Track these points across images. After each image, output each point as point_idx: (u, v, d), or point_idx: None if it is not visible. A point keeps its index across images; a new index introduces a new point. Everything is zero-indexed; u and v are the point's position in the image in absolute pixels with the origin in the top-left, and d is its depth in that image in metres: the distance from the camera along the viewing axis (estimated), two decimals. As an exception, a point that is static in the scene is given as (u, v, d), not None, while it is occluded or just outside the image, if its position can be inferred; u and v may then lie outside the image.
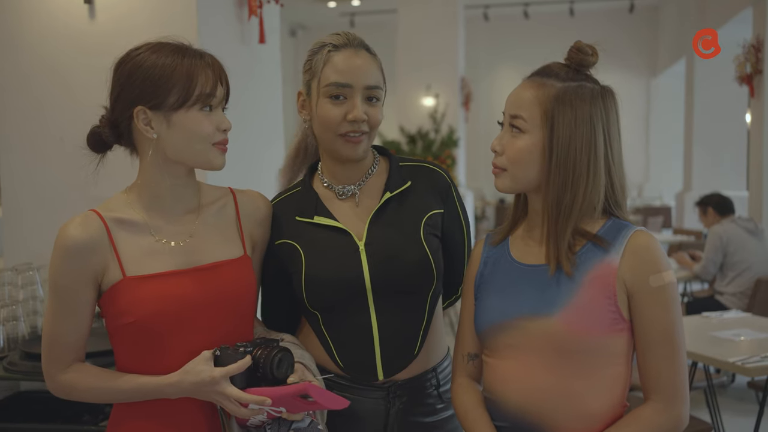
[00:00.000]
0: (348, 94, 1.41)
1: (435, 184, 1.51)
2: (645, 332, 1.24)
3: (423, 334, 1.47)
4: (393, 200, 1.46)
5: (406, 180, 1.49)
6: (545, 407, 1.25)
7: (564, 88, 1.26)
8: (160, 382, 1.25)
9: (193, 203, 1.37)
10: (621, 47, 10.74)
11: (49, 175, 2.55)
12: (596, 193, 1.26)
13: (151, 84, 1.25)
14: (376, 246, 1.42)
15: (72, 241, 1.26)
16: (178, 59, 1.27)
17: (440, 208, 1.50)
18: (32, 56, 2.54)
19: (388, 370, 1.45)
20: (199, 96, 1.26)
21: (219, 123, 1.30)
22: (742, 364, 2.72)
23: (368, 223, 1.44)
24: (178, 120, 1.27)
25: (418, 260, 1.43)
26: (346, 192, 1.48)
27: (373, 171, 1.51)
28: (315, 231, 1.45)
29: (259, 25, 2.75)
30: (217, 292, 1.31)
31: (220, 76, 1.31)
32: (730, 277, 4.63)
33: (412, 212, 1.46)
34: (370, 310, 1.43)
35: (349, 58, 1.42)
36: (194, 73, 1.26)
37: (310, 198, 1.48)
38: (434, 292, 1.48)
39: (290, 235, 1.47)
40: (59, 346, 1.29)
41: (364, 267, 1.41)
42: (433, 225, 1.47)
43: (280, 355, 1.24)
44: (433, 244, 1.46)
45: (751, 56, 5.61)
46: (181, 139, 1.27)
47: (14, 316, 2.18)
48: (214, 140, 1.29)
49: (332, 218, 1.45)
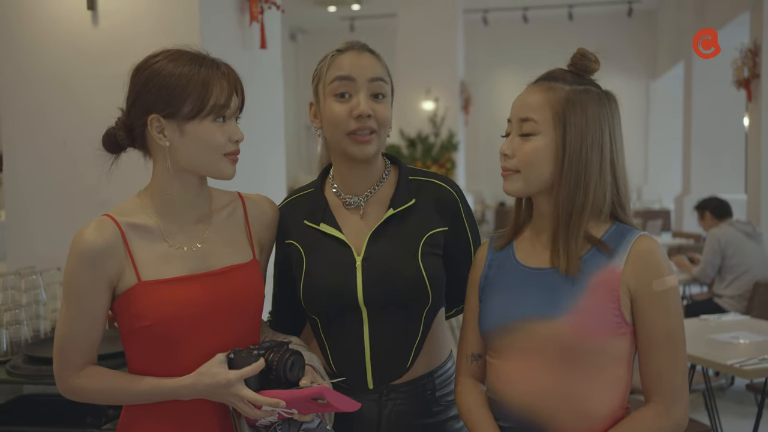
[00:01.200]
0: (353, 90, 1.41)
1: (441, 200, 1.50)
2: (647, 335, 1.26)
3: (417, 349, 1.47)
4: (396, 216, 1.46)
5: (412, 197, 1.48)
6: (548, 408, 1.27)
7: (573, 91, 1.28)
8: (175, 384, 1.27)
9: (205, 209, 1.39)
10: (620, 51, 10.76)
11: (52, 179, 2.56)
12: (603, 194, 1.28)
13: (166, 93, 1.27)
14: (372, 261, 1.43)
15: (88, 245, 1.27)
16: (195, 69, 1.28)
17: (444, 226, 1.48)
18: (35, 62, 2.56)
19: (379, 380, 1.46)
20: (213, 107, 1.27)
21: (231, 134, 1.31)
22: (740, 367, 2.73)
23: (368, 238, 1.45)
24: (191, 130, 1.28)
25: (413, 278, 1.42)
26: (353, 203, 1.49)
27: (383, 181, 1.50)
28: (319, 238, 1.46)
29: (260, 30, 2.77)
30: (229, 297, 1.33)
31: (236, 86, 1.32)
32: (729, 280, 4.65)
33: (413, 230, 1.46)
34: (363, 323, 1.44)
35: (351, 57, 1.44)
36: (209, 84, 1.27)
37: (319, 203, 1.49)
38: (430, 309, 1.48)
39: (297, 238, 1.49)
40: (73, 349, 1.30)
41: (358, 282, 1.42)
42: (434, 244, 1.46)
43: (292, 358, 1.27)
44: (432, 263, 1.45)
45: (749, 60, 5.64)
46: (194, 148, 1.29)
47: (17, 320, 2.19)
48: (225, 151, 1.31)
49: (337, 228, 1.46)
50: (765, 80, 5.57)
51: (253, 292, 1.38)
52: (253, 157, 2.76)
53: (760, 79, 5.60)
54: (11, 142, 2.62)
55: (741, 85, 5.78)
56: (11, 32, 2.58)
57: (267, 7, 2.73)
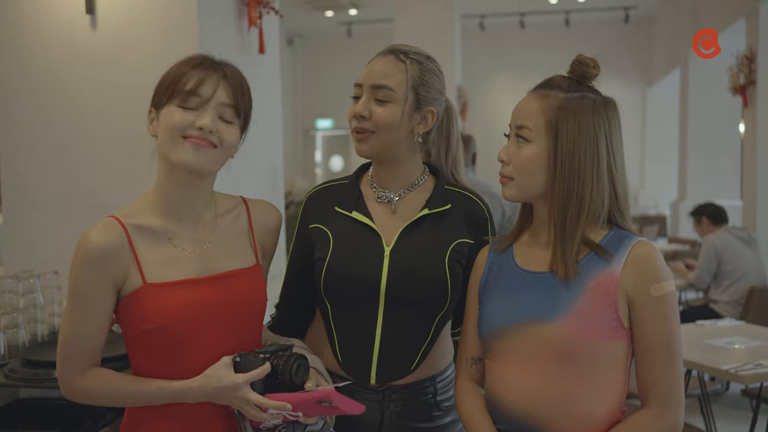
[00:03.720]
0: (360, 93, 1.48)
1: (473, 215, 1.53)
2: (644, 340, 1.27)
3: (423, 353, 1.49)
4: (429, 218, 1.49)
5: (447, 202, 1.51)
6: (546, 411, 1.27)
7: (567, 99, 1.29)
8: (181, 386, 1.28)
9: (209, 212, 1.40)
10: (616, 57, 10.71)
11: (50, 183, 2.56)
12: (600, 200, 1.29)
13: (160, 86, 1.33)
14: (400, 254, 1.45)
15: (94, 247, 1.27)
16: (188, 67, 1.32)
17: (471, 239, 1.51)
18: (34, 66, 2.56)
19: (382, 376, 1.47)
20: (178, 92, 1.29)
21: (196, 119, 1.29)
22: (736, 372, 2.74)
23: (400, 231, 1.48)
24: (161, 115, 1.31)
25: (436, 279, 1.45)
26: (385, 197, 1.52)
27: (418, 185, 1.54)
28: (349, 224, 1.49)
29: (258, 35, 2.78)
30: (232, 300, 1.34)
31: (227, 82, 1.32)
32: (725, 286, 4.67)
33: (443, 234, 1.49)
34: (378, 315, 1.46)
35: (373, 62, 1.49)
36: (186, 74, 1.30)
37: (353, 193, 1.53)
38: (443, 315, 1.50)
39: (325, 221, 1.51)
40: (77, 350, 1.31)
41: (383, 271, 1.44)
42: (460, 252, 1.49)
43: (298, 362, 1.29)
44: (455, 270, 1.48)
45: (745, 67, 5.67)
46: (161, 133, 1.31)
47: (15, 324, 2.19)
48: (183, 134, 1.29)
49: (369, 217, 1.49)
50: (761, 87, 5.60)
51: (255, 296, 1.39)
52: (250, 161, 2.77)
53: (755, 85, 5.63)
54: (9, 146, 2.62)
55: (737, 92, 5.81)
56: (10, 36, 2.58)
57: (266, 12, 2.74)
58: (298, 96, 11.57)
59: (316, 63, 11.36)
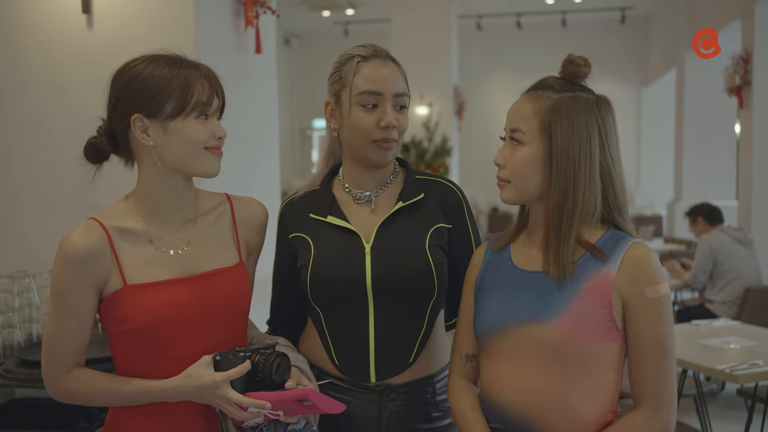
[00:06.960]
0: (379, 101, 1.47)
1: (447, 199, 1.55)
2: (638, 341, 1.27)
3: (420, 344, 1.49)
4: (405, 210, 1.51)
5: (420, 192, 1.53)
6: (539, 411, 1.28)
7: (559, 99, 1.29)
8: (161, 386, 1.28)
9: (191, 212, 1.39)
10: (613, 58, 10.80)
11: (46, 182, 2.56)
12: (593, 200, 1.29)
13: (147, 93, 1.29)
14: (381, 249, 1.47)
15: (75, 249, 1.28)
16: (175, 69, 1.30)
17: (448, 223, 1.53)
18: (30, 65, 2.56)
19: (381, 373, 1.47)
20: (196, 105, 1.30)
21: (215, 131, 1.33)
22: (731, 372, 2.75)
23: (377, 227, 1.49)
24: (175, 128, 1.29)
25: (420, 268, 1.46)
26: (363, 197, 1.53)
27: (392, 180, 1.56)
28: (327, 229, 1.50)
29: (255, 35, 2.78)
30: (215, 300, 1.34)
31: (216, 86, 1.34)
32: (720, 286, 4.68)
33: (420, 223, 1.51)
34: (369, 312, 1.46)
35: (377, 68, 1.48)
36: (191, 83, 1.30)
37: (327, 199, 1.53)
38: (435, 304, 1.51)
39: (303, 229, 1.52)
40: (60, 351, 1.31)
41: (367, 268, 1.45)
42: (440, 237, 1.51)
43: (278, 360, 1.28)
44: (437, 255, 1.49)
45: (740, 68, 5.68)
46: (178, 146, 1.30)
47: (10, 324, 2.19)
48: (207, 145, 1.32)
49: (345, 220, 1.50)
50: (756, 87, 5.61)
51: (238, 295, 1.39)
52: (247, 161, 2.77)
53: (751, 86, 5.64)
54: (5, 145, 2.62)
55: (733, 92, 5.82)
56: (6, 35, 2.58)
57: (262, 11, 2.74)
58: (295, 96, 11.56)
59: (312, 63, 11.35)
